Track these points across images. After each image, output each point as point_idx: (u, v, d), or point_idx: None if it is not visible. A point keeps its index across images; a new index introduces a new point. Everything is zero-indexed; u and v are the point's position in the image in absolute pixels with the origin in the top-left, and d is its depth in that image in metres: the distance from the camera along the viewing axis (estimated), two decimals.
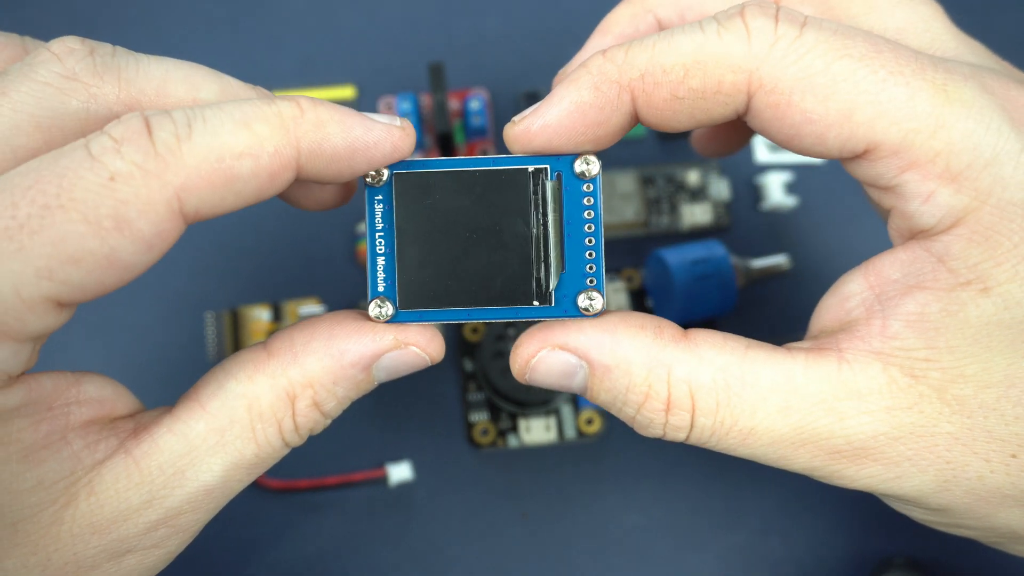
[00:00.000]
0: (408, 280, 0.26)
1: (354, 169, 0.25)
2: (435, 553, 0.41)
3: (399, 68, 0.48)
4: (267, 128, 0.23)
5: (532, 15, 0.49)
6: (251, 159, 0.23)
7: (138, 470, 0.24)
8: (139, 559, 0.25)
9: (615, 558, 0.42)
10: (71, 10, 0.48)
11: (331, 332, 0.26)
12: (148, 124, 0.22)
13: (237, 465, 0.25)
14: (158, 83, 0.25)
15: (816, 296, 0.28)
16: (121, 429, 0.25)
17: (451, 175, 0.26)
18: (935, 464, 0.26)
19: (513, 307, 0.26)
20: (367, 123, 0.25)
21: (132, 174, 0.22)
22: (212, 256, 0.45)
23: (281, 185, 0.24)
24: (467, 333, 0.44)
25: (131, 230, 0.22)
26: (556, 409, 0.43)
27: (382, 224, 0.27)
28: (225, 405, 0.25)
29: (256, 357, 0.26)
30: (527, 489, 0.42)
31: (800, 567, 0.41)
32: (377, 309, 0.27)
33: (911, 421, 0.25)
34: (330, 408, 0.26)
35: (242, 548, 0.41)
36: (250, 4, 0.49)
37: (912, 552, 0.41)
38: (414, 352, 0.26)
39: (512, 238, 0.26)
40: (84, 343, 0.44)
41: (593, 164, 0.26)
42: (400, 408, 0.43)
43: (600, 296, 0.27)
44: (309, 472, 0.42)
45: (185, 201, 0.23)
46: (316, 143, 0.24)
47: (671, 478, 0.43)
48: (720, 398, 0.26)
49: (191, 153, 0.22)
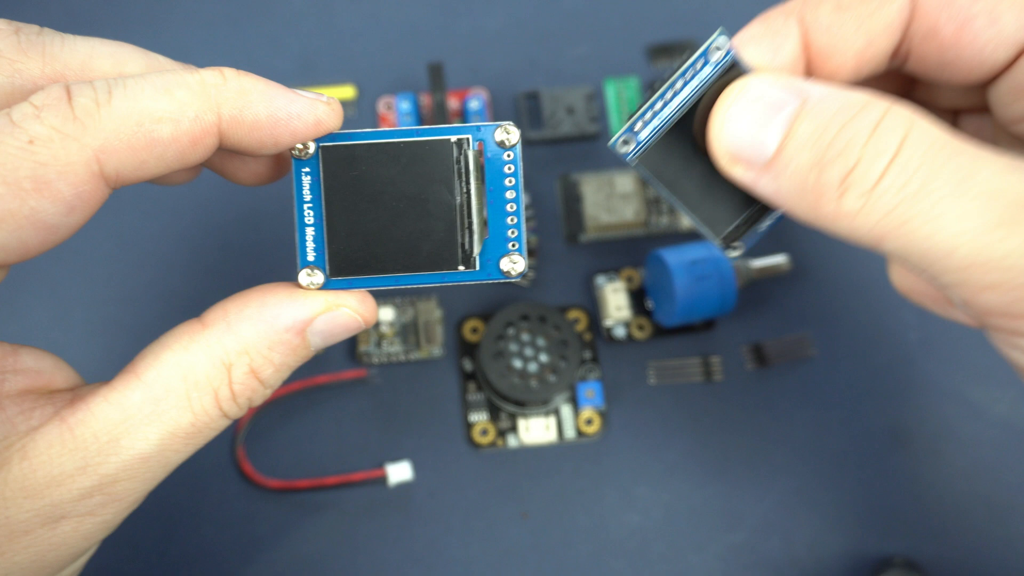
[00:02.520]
0: (337, 249, 0.27)
1: (277, 140, 0.26)
2: (435, 553, 0.41)
3: (399, 68, 0.48)
4: (188, 94, 0.24)
5: (532, 15, 0.49)
6: (171, 124, 0.24)
7: (72, 437, 0.25)
8: (74, 526, 0.25)
9: (615, 558, 0.42)
10: (71, 10, 0.48)
11: (263, 300, 0.26)
12: (69, 91, 0.23)
13: (173, 434, 0.26)
14: (83, 58, 0.26)
15: (816, 296, 0.28)
16: (58, 400, 0.26)
17: (376, 147, 0.27)
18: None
19: (439, 272, 0.27)
20: (290, 95, 0.26)
21: (51, 137, 0.23)
22: (212, 256, 0.45)
23: (204, 151, 0.25)
24: (467, 333, 0.44)
25: (50, 191, 0.23)
26: (556, 409, 0.43)
27: (310, 195, 0.27)
28: (160, 375, 0.25)
29: (191, 328, 0.26)
30: (527, 489, 0.43)
31: (800, 567, 0.41)
32: (308, 278, 0.27)
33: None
34: (267, 375, 0.27)
35: (242, 548, 0.41)
36: (250, 4, 0.49)
37: (911, 552, 0.41)
38: (347, 313, 0.27)
39: (437, 206, 0.27)
40: (84, 343, 0.44)
41: (513, 133, 0.27)
42: (400, 408, 0.43)
43: (522, 259, 0.28)
44: (309, 472, 0.42)
45: (105, 164, 0.23)
46: (238, 110, 0.25)
47: (671, 478, 0.43)
48: (940, 137, 0.23)
49: (109, 117, 0.23)
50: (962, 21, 0.26)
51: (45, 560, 0.25)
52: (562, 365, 0.42)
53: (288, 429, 0.43)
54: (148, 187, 0.46)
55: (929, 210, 0.22)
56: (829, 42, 0.27)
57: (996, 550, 0.42)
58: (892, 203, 0.23)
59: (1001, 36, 0.26)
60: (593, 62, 0.49)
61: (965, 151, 0.23)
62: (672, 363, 0.44)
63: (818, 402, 0.44)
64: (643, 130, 0.27)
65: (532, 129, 0.48)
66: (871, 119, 0.23)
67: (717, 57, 0.26)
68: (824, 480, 0.43)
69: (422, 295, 0.45)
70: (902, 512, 0.42)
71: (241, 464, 0.42)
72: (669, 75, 0.27)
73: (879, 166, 0.23)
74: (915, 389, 0.44)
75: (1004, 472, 0.43)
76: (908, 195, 0.23)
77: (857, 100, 0.24)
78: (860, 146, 0.23)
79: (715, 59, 0.26)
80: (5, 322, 0.44)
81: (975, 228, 0.22)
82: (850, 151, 0.23)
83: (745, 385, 0.44)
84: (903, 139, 0.23)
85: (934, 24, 0.26)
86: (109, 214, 0.46)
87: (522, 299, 0.45)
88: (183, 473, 0.42)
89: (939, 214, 0.22)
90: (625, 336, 0.44)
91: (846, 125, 0.24)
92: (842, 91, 0.24)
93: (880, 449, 0.43)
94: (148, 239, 0.45)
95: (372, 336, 0.44)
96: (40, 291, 0.45)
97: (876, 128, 0.23)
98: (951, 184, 0.22)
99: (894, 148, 0.23)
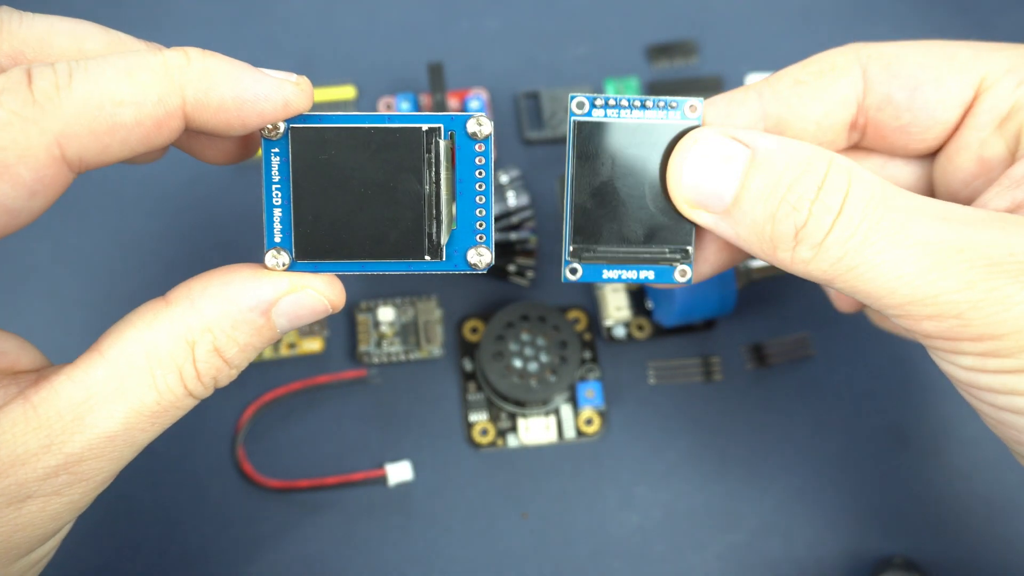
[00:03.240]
0: (304, 232, 0.27)
1: (244, 121, 0.25)
2: (435, 553, 0.41)
3: (399, 68, 0.48)
4: (150, 76, 0.24)
5: (532, 15, 0.49)
6: (133, 107, 0.24)
7: (36, 415, 0.25)
8: (40, 506, 0.25)
9: (615, 558, 0.42)
10: (70, 11, 0.48)
11: (227, 278, 0.26)
12: (29, 75, 0.23)
13: (138, 412, 0.25)
14: (41, 35, 0.26)
15: (816, 296, 0.28)
16: (23, 380, 0.26)
17: (347, 131, 0.27)
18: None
19: (405, 261, 0.27)
20: (257, 76, 0.25)
21: (10, 122, 0.23)
22: (212, 256, 0.45)
23: (169, 134, 0.25)
24: (467, 333, 0.44)
25: (10, 175, 0.23)
26: (556, 409, 0.43)
27: (279, 176, 0.27)
28: (124, 352, 0.25)
29: (155, 306, 0.26)
30: (527, 489, 0.43)
31: (799, 567, 0.41)
32: (274, 259, 0.27)
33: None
34: (232, 355, 0.26)
35: (242, 548, 0.41)
36: (250, 4, 0.49)
37: (911, 552, 0.41)
38: (312, 295, 0.27)
39: (405, 195, 0.27)
40: (84, 343, 0.44)
41: (485, 125, 0.27)
42: (400, 408, 0.43)
43: (488, 252, 0.28)
44: (309, 472, 0.42)
45: (67, 148, 0.23)
46: (203, 92, 0.24)
47: (671, 478, 0.43)
48: (876, 191, 0.26)
49: (70, 100, 0.23)
50: (912, 87, 0.30)
51: (12, 541, 0.25)
52: (562, 365, 0.42)
53: (288, 429, 0.43)
54: (148, 186, 0.46)
55: (871, 259, 0.25)
56: (788, 113, 0.29)
57: (996, 550, 0.42)
58: (839, 254, 0.26)
59: (949, 96, 0.29)
60: (593, 62, 0.49)
61: (899, 206, 0.26)
62: (672, 363, 0.44)
63: (818, 402, 0.44)
64: (599, 109, 0.29)
65: (532, 129, 0.48)
66: (816, 177, 0.26)
67: (689, 113, 0.29)
68: (824, 480, 0.43)
69: (422, 295, 0.45)
70: (902, 512, 0.42)
71: (241, 464, 0.42)
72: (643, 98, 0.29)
73: (826, 223, 0.26)
74: (915, 389, 0.44)
75: (1004, 472, 0.43)
76: (852, 247, 0.26)
77: (802, 156, 0.27)
78: (809, 204, 0.26)
79: (688, 114, 0.29)
80: (5, 322, 0.44)
81: (911, 273, 0.25)
82: (800, 209, 0.26)
83: (745, 385, 0.44)
84: (845, 196, 0.26)
85: (887, 93, 0.29)
86: (109, 214, 0.46)
87: (522, 299, 0.45)
88: (183, 473, 0.42)
89: (879, 263, 0.25)
90: (625, 336, 0.44)
91: (795, 183, 0.26)
92: (787, 144, 0.27)
93: (880, 449, 0.43)
94: (148, 239, 0.45)
95: (372, 336, 0.44)
96: (40, 291, 0.45)
97: (821, 186, 0.26)
98: (888, 237, 0.25)
99: (838, 205, 0.26)
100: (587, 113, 0.29)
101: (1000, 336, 0.25)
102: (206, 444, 0.42)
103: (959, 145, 0.31)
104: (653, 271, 0.29)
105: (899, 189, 0.26)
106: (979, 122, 0.30)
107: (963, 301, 0.25)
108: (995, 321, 0.25)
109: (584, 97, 0.28)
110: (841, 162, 0.26)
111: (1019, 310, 0.25)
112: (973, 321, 0.25)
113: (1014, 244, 0.25)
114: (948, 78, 0.30)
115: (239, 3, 0.49)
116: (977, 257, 0.25)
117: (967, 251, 0.25)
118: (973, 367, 0.26)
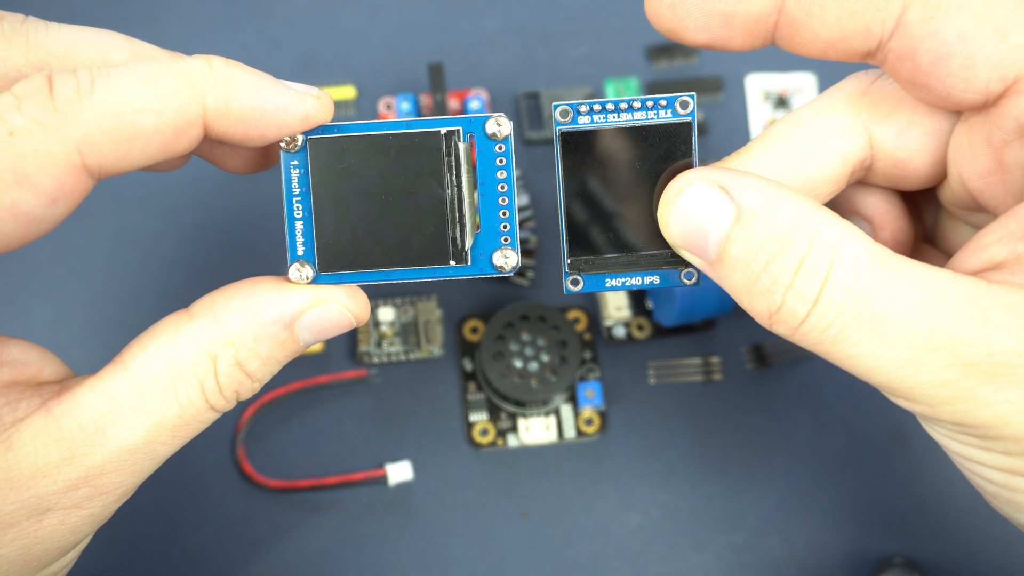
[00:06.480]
0: (326, 243, 0.27)
1: (264, 132, 0.25)
2: (435, 553, 0.41)
3: (399, 68, 0.48)
4: (171, 84, 0.24)
5: (532, 15, 0.49)
6: (153, 114, 0.24)
7: (58, 427, 0.24)
8: (60, 519, 0.25)
9: (615, 558, 0.42)
10: (70, 12, 0.48)
11: (251, 292, 0.26)
12: (51, 81, 0.23)
13: (160, 425, 0.25)
14: (67, 46, 0.26)
15: None
16: (46, 391, 0.26)
17: (365, 139, 0.26)
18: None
19: (430, 267, 0.27)
20: (279, 88, 0.25)
21: (31, 129, 0.22)
22: (212, 256, 0.45)
23: (189, 142, 0.25)
24: (467, 333, 0.44)
25: (31, 183, 0.23)
26: (556, 409, 0.43)
27: (299, 189, 0.27)
28: (146, 365, 0.25)
29: (178, 319, 0.26)
30: (527, 489, 0.43)
31: (800, 567, 0.41)
32: (297, 273, 0.27)
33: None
34: (254, 368, 0.26)
35: (242, 548, 0.41)
36: (250, 4, 0.49)
37: (911, 552, 0.41)
38: (336, 308, 0.27)
39: (427, 200, 0.26)
40: (84, 343, 0.44)
41: (504, 125, 0.27)
42: (400, 408, 0.44)
43: (515, 254, 0.27)
44: (309, 472, 0.42)
45: (87, 155, 0.23)
46: (223, 101, 0.24)
47: (670, 478, 0.43)
48: (858, 276, 0.24)
49: (91, 108, 0.23)
50: (941, 55, 0.26)
51: (32, 554, 0.25)
52: (562, 365, 0.42)
53: (288, 429, 0.43)
54: (149, 186, 0.46)
55: (847, 350, 0.25)
56: (802, 19, 0.27)
57: (996, 550, 0.42)
58: (815, 340, 0.25)
59: (972, 81, 0.26)
60: (593, 62, 0.49)
61: (882, 291, 0.24)
62: (672, 363, 0.44)
63: (818, 402, 0.44)
64: (584, 116, 0.28)
65: (532, 129, 0.48)
66: (795, 256, 0.25)
67: (680, 110, 0.28)
68: (824, 480, 0.43)
69: (422, 295, 0.45)
70: (902, 512, 0.42)
71: (241, 464, 0.42)
72: (633, 98, 0.28)
73: (800, 312, 0.25)
74: None
75: None
76: (828, 337, 0.25)
77: (783, 228, 0.25)
78: (784, 289, 0.25)
79: (679, 111, 0.28)
80: (5, 322, 0.44)
81: (887, 366, 0.25)
82: (774, 293, 0.25)
83: (745, 385, 0.44)
84: (824, 282, 0.24)
85: (914, 49, 0.26)
86: (109, 214, 0.46)
87: (522, 299, 0.45)
88: (183, 473, 0.42)
89: (856, 354, 0.25)
90: (625, 336, 0.44)
91: (772, 261, 0.25)
92: (773, 206, 0.25)
93: (880, 449, 0.43)
94: (148, 239, 0.45)
95: (372, 336, 0.44)
96: (40, 291, 0.45)
97: (799, 269, 0.25)
98: (864, 331, 0.24)
99: (814, 294, 0.24)
100: (572, 122, 0.28)
101: (975, 427, 0.25)
102: (206, 444, 0.42)
103: (980, 130, 0.28)
104: (658, 276, 0.29)
105: (887, 257, 0.25)
106: (1005, 124, 0.27)
107: (935, 397, 0.25)
108: (968, 418, 0.25)
109: (568, 105, 0.28)
110: (826, 237, 0.25)
111: (993, 411, 0.24)
112: (944, 413, 0.25)
113: (994, 343, 0.24)
114: (980, 63, 0.26)
115: (239, 3, 0.49)
116: (953, 358, 0.24)
117: (943, 350, 0.24)
118: (947, 435, 0.27)
